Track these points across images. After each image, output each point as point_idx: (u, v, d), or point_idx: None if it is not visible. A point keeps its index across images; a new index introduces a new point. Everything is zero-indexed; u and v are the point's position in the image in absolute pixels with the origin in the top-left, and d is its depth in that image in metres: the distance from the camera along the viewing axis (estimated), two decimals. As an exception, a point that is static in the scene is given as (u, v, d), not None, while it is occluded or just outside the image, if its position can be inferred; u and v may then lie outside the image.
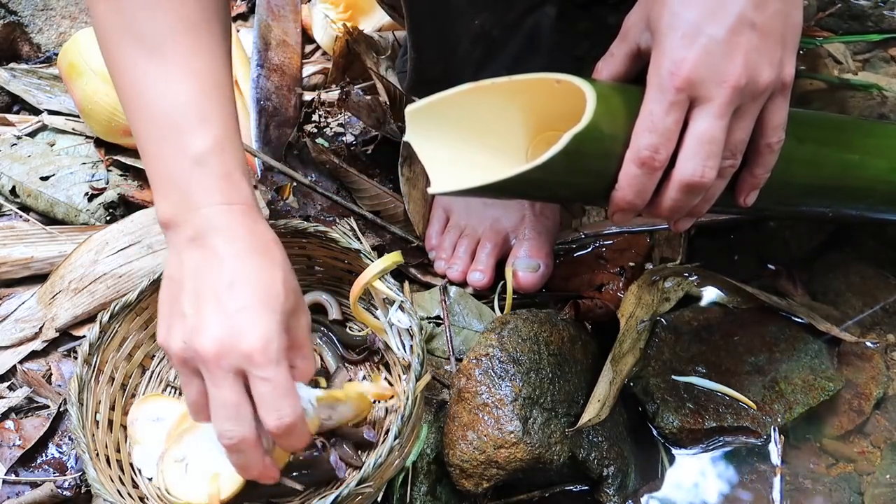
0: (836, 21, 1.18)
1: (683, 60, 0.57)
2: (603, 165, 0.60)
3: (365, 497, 0.72)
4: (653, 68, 0.59)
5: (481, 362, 0.78)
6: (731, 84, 0.57)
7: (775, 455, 0.81)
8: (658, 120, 0.58)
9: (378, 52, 1.15)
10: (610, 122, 0.59)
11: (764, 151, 0.63)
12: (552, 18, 0.86)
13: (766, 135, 0.62)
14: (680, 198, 0.60)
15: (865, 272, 0.93)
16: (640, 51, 0.63)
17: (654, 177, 0.60)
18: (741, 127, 0.60)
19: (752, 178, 0.65)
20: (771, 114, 0.61)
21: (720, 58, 0.56)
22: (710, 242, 0.97)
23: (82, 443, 0.72)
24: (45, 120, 1.15)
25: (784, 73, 0.60)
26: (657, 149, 0.58)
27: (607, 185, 0.61)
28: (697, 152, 0.58)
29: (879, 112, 1.03)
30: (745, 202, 0.66)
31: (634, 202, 0.61)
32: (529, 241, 0.93)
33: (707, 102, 0.57)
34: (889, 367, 0.87)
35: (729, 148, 0.60)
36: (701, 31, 0.57)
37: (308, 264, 0.91)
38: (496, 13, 0.82)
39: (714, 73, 0.57)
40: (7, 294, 0.98)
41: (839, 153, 0.74)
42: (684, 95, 0.57)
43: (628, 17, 0.64)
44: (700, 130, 0.58)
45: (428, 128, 0.63)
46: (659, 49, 0.58)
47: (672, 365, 0.85)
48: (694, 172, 0.59)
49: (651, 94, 0.58)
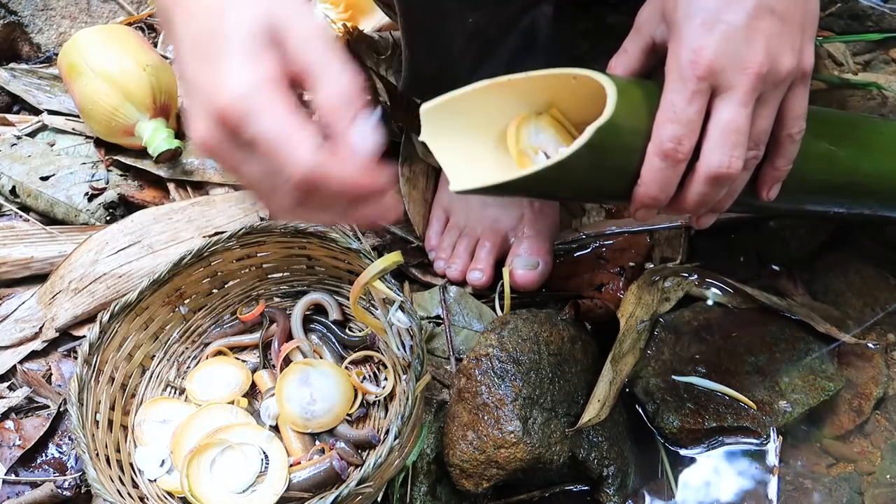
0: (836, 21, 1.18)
1: (703, 48, 0.55)
2: (625, 160, 0.59)
3: (365, 497, 0.72)
4: (671, 59, 0.57)
5: (481, 362, 0.78)
6: (753, 71, 0.55)
7: (773, 455, 0.81)
8: (680, 110, 0.56)
9: (378, 52, 1.15)
10: (631, 115, 0.58)
11: (786, 142, 0.61)
12: (549, 17, 0.86)
13: (788, 125, 0.60)
14: (706, 191, 0.59)
15: (865, 272, 0.93)
16: (654, 45, 0.62)
17: (679, 169, 0.58)
18: (764, 115, 0.58)
19: (774, 170, 0.63)
20: (792, 103, 0.60)
21: (741, 44, 0.55)
22: (710, 242, 0.97)
23: (82, 443, 0.72)
24: (45, 120, 1.15)
25: (804, 61, 0.58)
26: (680, 140, 0.56)
27: (629, 180, 0.59)
28: (723, 142, 0.57)
29: (879, 112, 1.03)
30: (768, 195, 0.64)
31: (658, 197, 0.59)
32: (529, 239, 0.93)
33: (730, 90, 0.56)
34: (889, 367, 0.87)
35: (752, 138, 0.58)
36: (720, 18, 0.55)
37: (308, 264, 0.91)
38: (491, 11, 0.81)
39: (735, 60, 0.55)
40: (7, 294, 0.98)
41: (851, 150, 0.73)
42: (706, 84, 0.56)
43: (641, 11, 0.63)
44: (724, 119, 0.56)
45: (443, 126, 0.61)
46: (677, 39, 0.57)
47: (672, 365, 0.85)
48: (721, 163, 0.57)
49: (671, 84, 0.57)
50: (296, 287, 0.93)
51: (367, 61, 1.12)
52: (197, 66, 0.52)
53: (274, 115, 0.49)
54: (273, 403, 0.83)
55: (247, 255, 0.89)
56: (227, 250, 0.87)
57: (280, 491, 0.77)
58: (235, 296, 0.92)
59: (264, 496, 0.77)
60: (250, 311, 0.91)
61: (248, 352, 0.91)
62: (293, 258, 0.91)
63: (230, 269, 0.90)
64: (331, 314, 0.90)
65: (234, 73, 0.49)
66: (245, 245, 0.88)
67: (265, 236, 0.87)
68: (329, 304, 0.90)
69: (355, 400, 0.84)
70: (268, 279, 0.93)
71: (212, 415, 0.83)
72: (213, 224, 1.01)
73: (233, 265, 0.90)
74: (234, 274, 0.91)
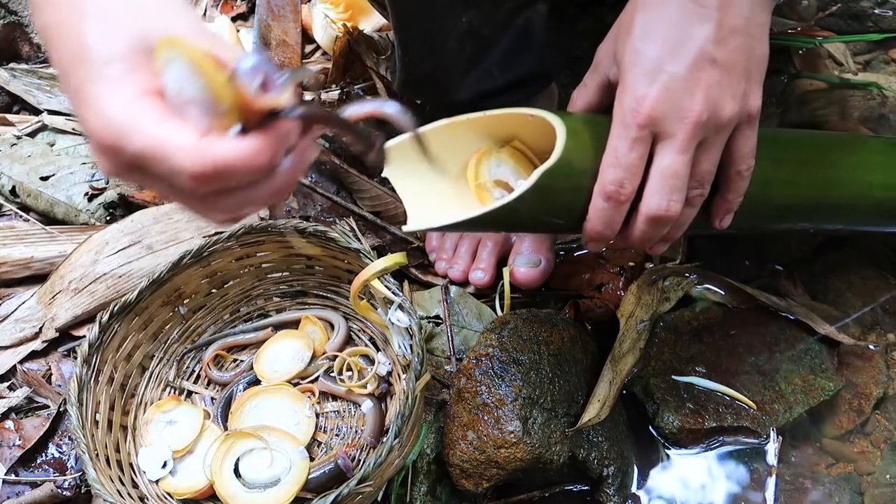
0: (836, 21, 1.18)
1: (645, 97, 0.58)
2: (573, 199, 0.62)
3: (365, 496, 0.72)
4: (617, 104, 0.60)
5: (481, 362, 0.78)
6: (692, 120, 0.58)
7: (772, 455, 0.81)
8: (622, 156, 0.59)
9: (378, 52, 1.15)
10: (580, 156, 0.60)
11: (734, 178, 0.64)
12: (544, 16, 0.86)
13: (736, 162, 0.63)
14: (647, 229, 0.62)
15: (865, 272, 0.93)
16: (609, 82, 0.64)
17: (622, 209, 0.61)
18: (707, 158, 0.61)
19: (725, 202, 0.66)
20: (739, 143, 0.62)
21: (681, 94, 0.57)
22: (710, 242, 0.97)
23: (82, 443, 0.72)
24: (45, 120, 1.15)
25: (749, 105, 0.60)
26: (622, 183, 0.59)
27: (579, 216, 0.63)
28: (662, 186, 0.59)
29: (879, 112, 1.03)
30: (720, 225, 0.67)
31: (604, 233, 0.62)
32: (530, 237, 0.94)
33: (669, 138, 0.58)
34: (889, 367, 0.87)
35: (696, 178, 0.61)
36: (662, 69, 0.58)
37: (307, 264, 0.91)
38: (484, 11, 0.81)
39: (675, 109, 0.58)
40: (7, 294, 0.98)
41: (818, 172, 0.74)
42: (647, 131, 0.58)
43: (600, 47, 0.66)
44: (664, 165, 0.59)
45: (406, 162, 0.64)
46: (622, 85, 0.60)
47: (672, 365, 0.85)
48: (659, 206, 0.60)
49: (615, 130, 0.59)
50: (295, 287, 0.94)
51: (367, 61, 1.13)
52: (71, 92, 0.50)
53: (145, 129, 0.46)
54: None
55: (246, 255, 0.89)
56: (227, 250, 0.87)
57: (296, 490, 0.77)
58: (235, 295, 0.92)
59: (282, 494, 0.77)
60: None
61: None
62: (292, 258, 0.91)
63: (229, 268, 0.90)
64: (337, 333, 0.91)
65: (100, 99, 0.48)
66: (244, 245, 0.88)
67: (264, 236, 0.87)
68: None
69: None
70: (267, 279, 0.93)
71: (279, 394, 0.85)
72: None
73: (232, 265, 0.90)
74: (234, 274, 0.91)
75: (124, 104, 0.47)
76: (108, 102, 0.47)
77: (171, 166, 0.46)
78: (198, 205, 0.50)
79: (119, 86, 0.48)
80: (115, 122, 0.47)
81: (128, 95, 0.47)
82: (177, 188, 0.47)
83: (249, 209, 0.51)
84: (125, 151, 0.47)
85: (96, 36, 0.48)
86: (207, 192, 0.47)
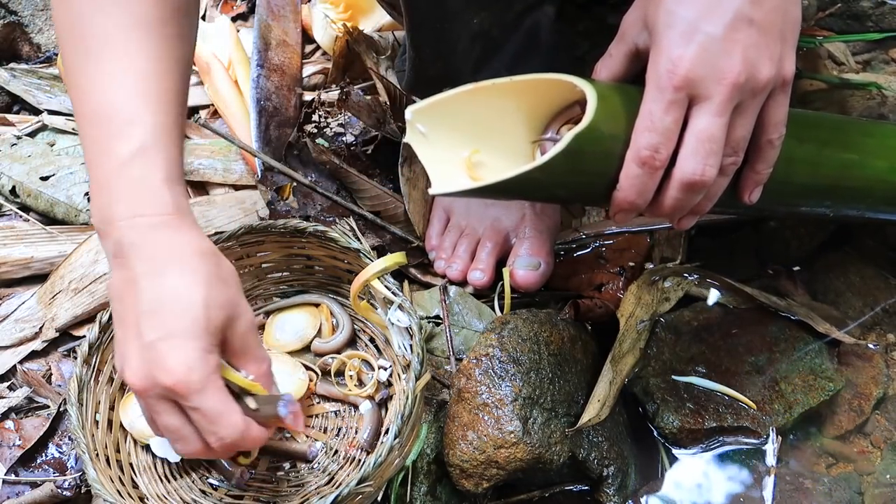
0: (836, 21, 1.18)
1: (681, 58, 0.56)
2: (604, 165, 0.60)
3: (365, 496, 0.72)
4: (651, 67, 0.58)
5: (481, 362, 0.78)
6: (729, 81, 0.56)
7: (773, 455, 0.81)
8: (657, 119, 0.57)
9: (378, 52, 1.15)
10: (611, 121, 0.59)
11: (765, 147, 0.63)
12: (551, 18, 0.86)
13: (768, 131, 0.62)
14: (681, 196, 0.60)
15: (865, 272, 0.93)
16: (638, 50, 0.63)
17: (656, 176, 0.59)
18: (742, 124, 0.59)
19: (754, 174, 0.64)
20: (772, 110, 0.61)
21: (718, 55, 0.56)
22: (710, 242, 0.97)
23: (82, 443, 0.72)
24: (45, 120, 1.15)
25: (784, 69, 0.59)
26: (657, 148, 0.58)
27: (608, 185, 0.61)
28: (697, 151, 0.58)
29: (879, 112, 1.03)
30: (749, 199, 0.66)
31: (636, 202, 0.61)
32: (530, 239, 0.93)
33: (706, 100, 0.57)
34: (889, 367, 0.87)
35: (730, 145, 0.60)
36: (698, 29, 0.56)
37: (307, 264, 0.91)
38: (495, 13, 0.82)
39: (712, 70, 0.56)
40: (7, 294, 0.98)
41: (839, 153, 0.74)
42: (683, 94, 0.57)
43: (626, 16, 0.64)
44: (700, 129, 0.58)
45: (429, 128, 0.63)
46: (657, 48, 0.58)
47: (672, 365, 0.85)
48: (694, 171, 0.58)
49: (650, 94, 0.58)
50: (295, 287, 0.94)
51: (367, 61, 1.13)
52: (148, 321, 0.62)
53: (216, 396, 0.63)
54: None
55: (246, 255, 0.89)
56: (227, 250, 0.87)
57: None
58: (235, 296, 0.92)
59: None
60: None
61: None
62: (292, 258, 0.91)
63: (230, 268, 0.90)
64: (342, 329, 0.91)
65: (189, 357, 0.61)
66: (244, 245, 0.88)
67: (264, 236, 0.87)
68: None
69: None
70: (267, 279, 0.93)
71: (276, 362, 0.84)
72: (213, 224, 1.01)
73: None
74: (234, 274, 0.91)
75: (208, 372, 0.63)
76: (197, 365, 0.62)
77: (224, 428, 0.63)
78: (196, 445, 0.65)
79: (206, 355, 0.63)
80: (196, 382, 0.61)
81: (211, 366, 0.63)
82: (196, 432, 0.64)
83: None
84: (190, 402, 0.62)
85: (197, 298, 0.63)
86: (220, 443, 0.64)
